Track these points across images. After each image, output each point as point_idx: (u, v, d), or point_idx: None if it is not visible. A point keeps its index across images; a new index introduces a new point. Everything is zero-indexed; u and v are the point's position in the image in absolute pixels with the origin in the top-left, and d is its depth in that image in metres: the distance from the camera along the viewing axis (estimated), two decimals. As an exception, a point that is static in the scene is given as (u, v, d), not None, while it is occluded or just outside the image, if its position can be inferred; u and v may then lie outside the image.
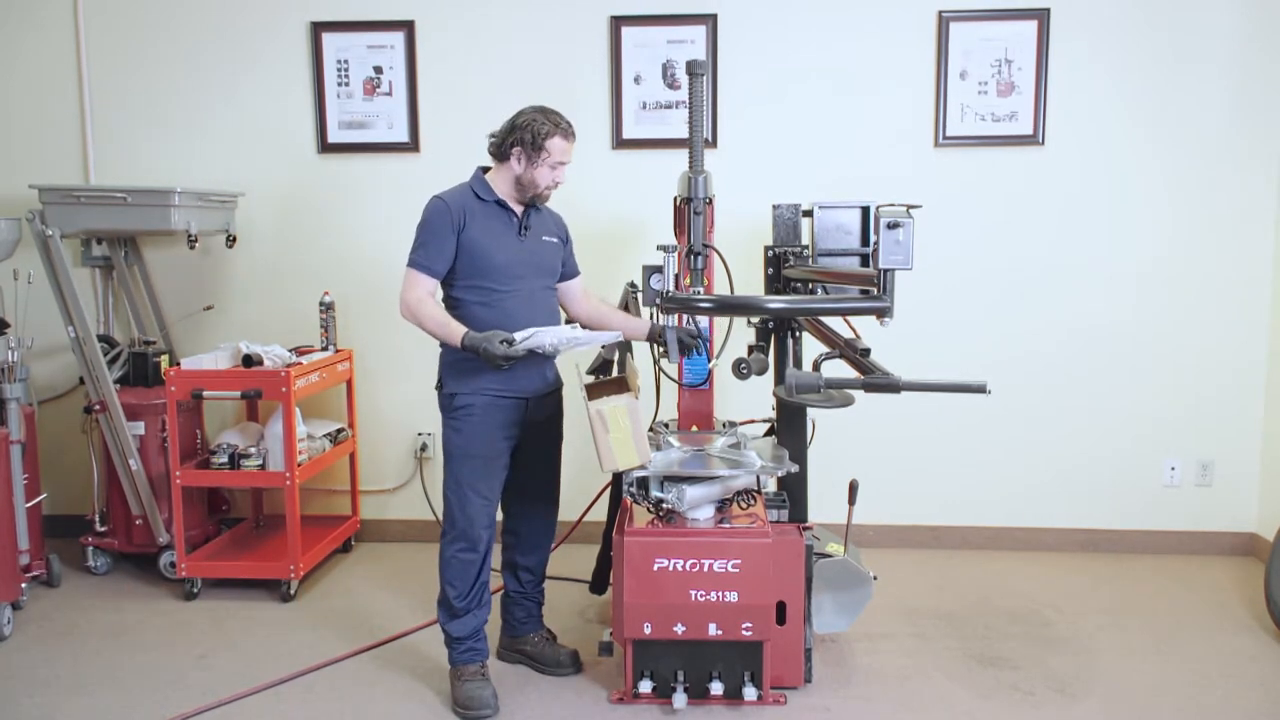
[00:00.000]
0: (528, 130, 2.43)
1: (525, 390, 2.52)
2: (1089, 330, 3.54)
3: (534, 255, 2.53)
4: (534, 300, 2.50)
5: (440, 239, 2.42)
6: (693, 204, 2.46)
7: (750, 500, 2.37)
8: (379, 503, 3.80)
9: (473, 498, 2.49)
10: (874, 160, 3.51)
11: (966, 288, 3.55)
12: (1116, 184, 3.49)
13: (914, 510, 3.66)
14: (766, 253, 2.69)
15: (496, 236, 2.46)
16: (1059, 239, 3.51)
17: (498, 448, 2.51)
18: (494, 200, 2.49)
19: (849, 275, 2.39)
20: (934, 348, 3.51)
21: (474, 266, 2.43)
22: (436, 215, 2.44)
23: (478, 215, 2.45)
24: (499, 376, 2.46)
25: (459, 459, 2.50)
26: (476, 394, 2.47)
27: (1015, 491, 3.62)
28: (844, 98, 3.51)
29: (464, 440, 2.49)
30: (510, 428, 2.52)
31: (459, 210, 2.44)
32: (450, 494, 2.52)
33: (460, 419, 2.49)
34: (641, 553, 2.24)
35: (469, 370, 2.47)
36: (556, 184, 2.50)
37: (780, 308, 2.36)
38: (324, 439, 3.44)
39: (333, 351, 3.51)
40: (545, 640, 2.70)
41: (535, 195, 2.48)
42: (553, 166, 2.46)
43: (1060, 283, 3.53)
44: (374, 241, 3.69)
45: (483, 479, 2.50)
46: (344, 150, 3.64)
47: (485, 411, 2.48)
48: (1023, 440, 3.60)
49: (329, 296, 3.52)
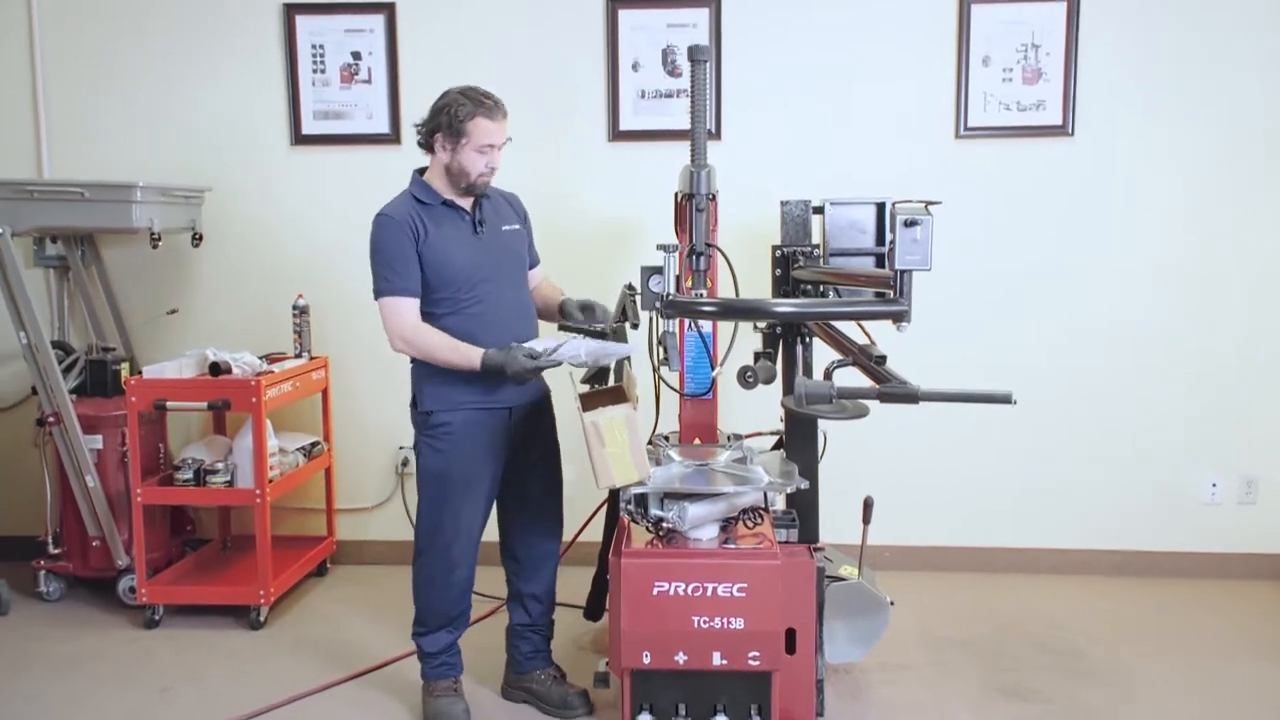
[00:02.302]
0: (444, 113, 2.41)
1: (507, 400, 2.52)
2: (1122, 335, 3.55)
3: (496, 251, 2.52)
4: (504, 301, 2.49)
5: (405, 255, 2.40)
6: (695, 200, 2.47)
7: (757, 519, 2.38)
8: (357, 522, 3.81)
9: (448, 525, 2.49)
10: (890, 153, 3.52)
11: (989, 289, 3.56)
12: (1152, 177, 3.50)
13: (934, 530, 3.66)
14: (774, 253, 2.70)
15: (451, 240, 2.45)
16: (1089, 236, 3.53)
17: (482, 468, 2.51)
18: (440, 202, 2.47)
19: (863, 277, 2.40)
20: (953, 353, 3.52)
21: (435, 278, 2.43)
22: (391, 233, 2.41)
23: (428, 224, 2.44)
24: (478, 388, 2.46)
25: (437, 481, 2.50)
26: (455, 409, 2.47)
27: (1044, 510, 3.63)
28: (857, 85, 3.53)
29: (443, 461, 2.48)
30: (495, 444, 2.52)
31: (410, 223, 2.42)
32: (424, 518, 2.53)
33: (439, 437, 2.49)
34: (640, 576, 2.25)
35: (444, 383, 2.47)
36: (492, 169, 2.46)
37: (789, 312, 2.37)
38: (297, 453, 3.45)
39: (307, 359, 3.52)
40: (553, 679, 2.70)
41: (470, 185, 2.46)
42: (480, 150, 2.42)
43: (1091, 283, 3.54)
44: (352, 241, 3.66)
45: (464, 504, 2.50)
46: (319, 142, 3.65)
47: (465, 428, 2.47)
48: (1051, 454, 3.61)
49: (303, 300, 3.53)
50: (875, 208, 2.65)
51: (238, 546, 3.66)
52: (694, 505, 2.30)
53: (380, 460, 3.78)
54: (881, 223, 2.64)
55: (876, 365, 2.16)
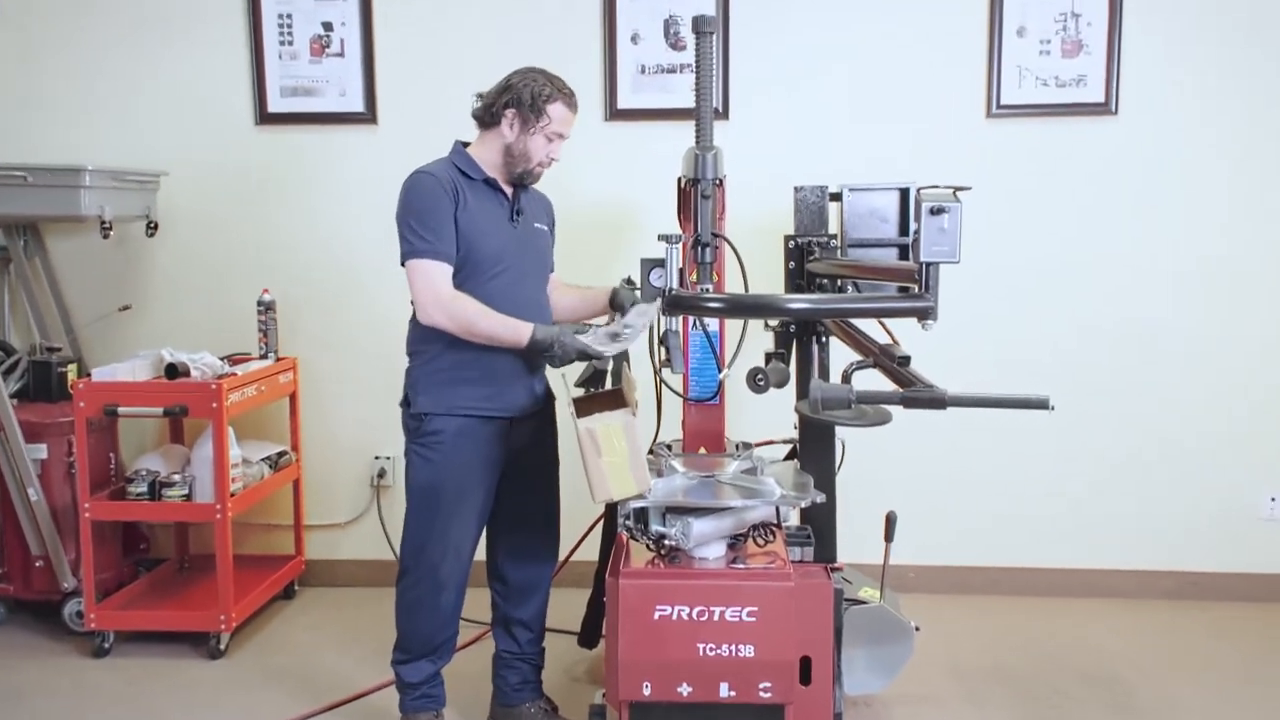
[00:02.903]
0: (527, 90, 2.46)
1: (510, 408, 2.54)
2: (1168, 334, 3.57)
3: (527, 245, 2.56)
4: (523, 297, 2.52)
5: (443, 217, 2.41)
6: (700, 186, 2.49)
7: (768, 536, 2.39)
8: (328, 540, 3.82)
9: (438, 542, 2.51)
10: (915, 134, 3.54)
11: (1021, 283, 3.58)
12: (1205, 161, 3.52)
13: (964, 548, 3.68)
14: (787, 243, 2.71)
15: (487, 220, 2.49)
16: (1135, 226, 3.54)
17: (475, 482, 2.53)
18: (482, 179, 2.51)
19: (885, 270, 2.41)
20: (980, 353, 3.54)
21: (463, 256, 2.45)
22: (431, 192, 2.43)
23: (468, 196, 2.47)
24: (479, 393, 2.48)
25: (426, 494, 2.51)
26: (450, 414, 2.49)
27: (1085, 527, 3.65)
28: (879, 59, 3.55)
29: (434, 472, 2.50)
30: (491, 456, 2.54)
31: (451, 185, 2.45)
32: (411, 533, 2.55)
33: (430, 446, 2.50)
34: (639, 598, 2.26)
35: (444, 384, 2.49)
36: (551, 160, 2.54)
37: (803, 308, 2.39)
38: (262, 464, 3.46)
39: (273, 360, 3.54)
40: (544, 712, 2.72)
41: (525, 171, 2.51)
42: (550, 137, 2.49)
43: (1134, 278, 3.56)
44: (323, 229, 3.72)
45: (454, 520, 2.52)
46: (287, 121, 3.66)
47: (459, 437, 2.49)
48: (1092, 466, 3.62)
49: (269, 295, 3.55)
50: (898, 194, 2.66)
51: (196, 567, 3.67)
52: (699, 521, 2.31)
53: (354, 472, 3.79)
54: (905, 210, 2.65)
55: (900, 367, 2.17)
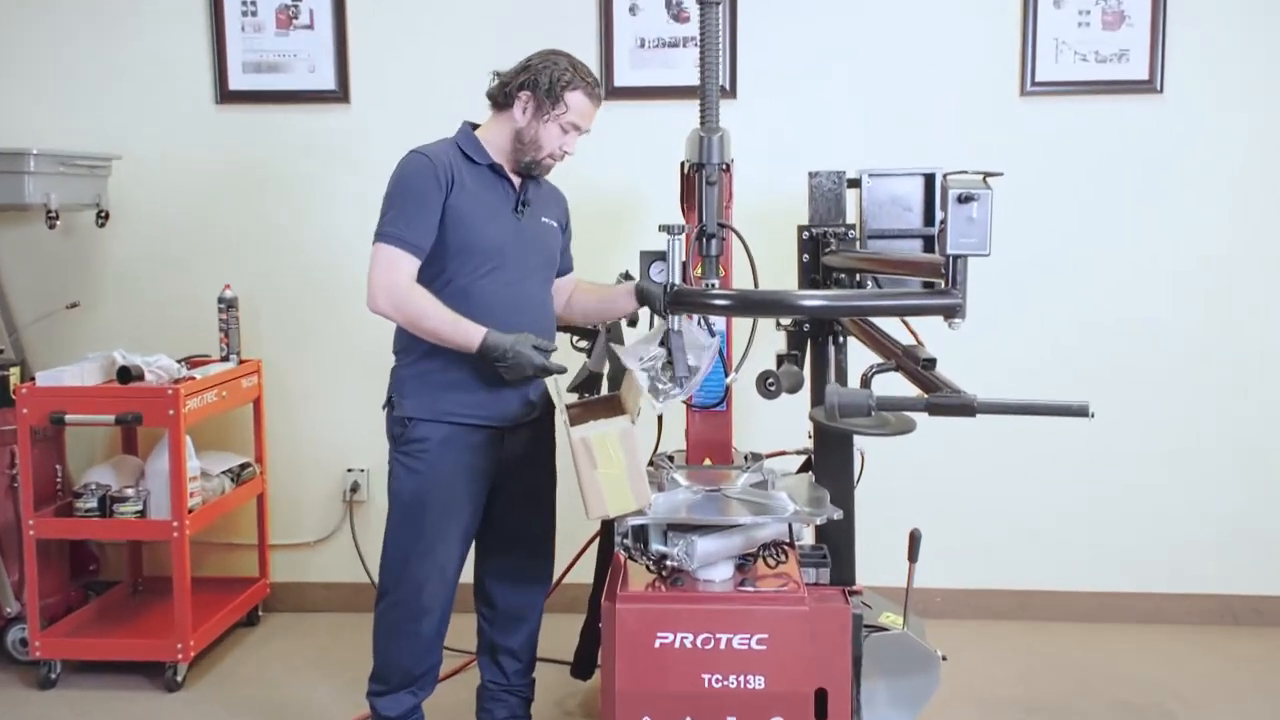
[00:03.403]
0: (546, 73, 2.47)
1: (502, 417, 2.54)
2: (1218, 337, 3.57)
3: (531, 239, 2.56)
4: (522, 297, 2.52)
5: (423, 205, 2.42)
6: (705, 171, 2.48)
7: (780, 556, 2.39)
8: (295, 561, 3.82)
9: (422, 560, 2.51)
10: (941, 114, 3.54)
11: (1062, 277, 3.58)
12: (1262, 145, 3.51)
13: (995, 570, 3.68)
14: (801, 234, 2.71)
15: (487, 209, 2.49)
16: (1179, 216, 3.54)
17: (463, 495, 2.53)
18: (487, 164, 2.52)
19: (908, 263, 2.41)
20: (1013, 355, 3.54)
21: (454, 245, 2.45)
22: (418, 174, 2.44)
23: (467, 180, 2.48)
24: (468, 399, 2.48)
25: (409, 507, 2.51)
26: (437, 421, 2.49)
27: (1128, 545, 3.64)
28: (902, 32, 3.54)
29: (418, 483, 2.50)
30: (481, 467, 2.54)
31: (446, 169, 2.46)
32: (392, 550, 2.55)
33: (414, 454, 2.51)
34: (638, 624, 2.25)
35: (431, 387, 2.49)
36: (565, 153, 2.55)
37: (819, 306, 2.38)
38: (223, 477, 3.46)
39: (235, 363, 3.53)
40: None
41: (534, 162, 2.52)
42: (565, 128, 2.50)
43: (1181, 274, 3.56)
44: (290, 219, 3.71)
45: (439, 537, 2.52)
46: (250, 100, 3.66)
47: (445, 447, 2.49)
48: (1136, 479, 3.62)
49: (231, 291, 3.54)
50: (923, 180, 2.65)
51: (151, 590, 3.66)
52: (704, 539, 2.31)
53: (324, 486, 3.79)
54: (930, 198, 2.64)
55: (924, 370, 2.17)
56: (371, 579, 3.62)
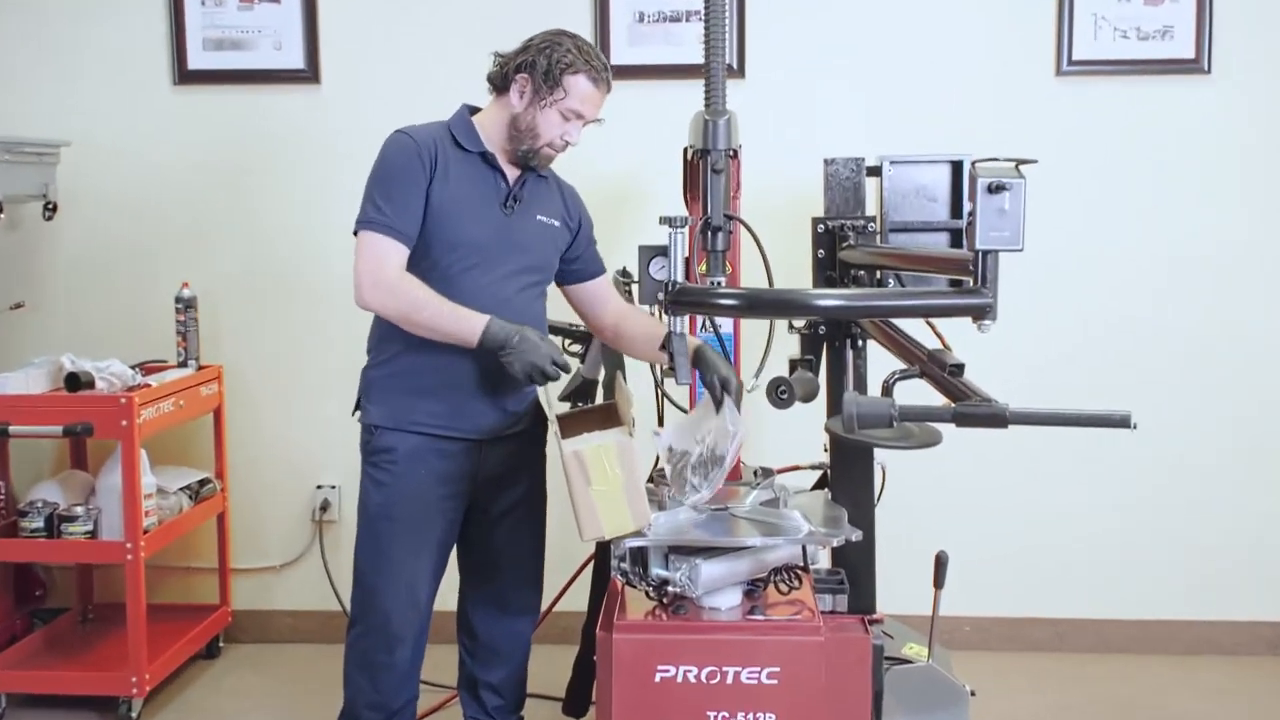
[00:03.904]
0: (545, 55, 2.46)
1: (476, 428, 2.53)
2: (1269, 339, 3.57)
3: (518, 239, 2.54)
4: (499, 298, 2.50)
5: (408, 189, 2.42)
6: (711, 158, 2.48)
7: (793, 581, 2.38)
8: (259, 586, 3.81)
9: (389, 582, 2.51)
10: (969, 95, 3.54)
11: (1098, 274, 3.58)
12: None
13: (1029, 597, 3.67)
14: (816, 227, 2.71)
15: (470, 201, 2.48)
16: (1232, 207, 3.55)
17: (433, 512, 2.52)
18: (478, 152, 2.51)
19: (933, 259, 2.41)
20: (1042, 359, 3.54)
21: (431, 239, 2.45)
22: (401, 155, 2.44)
23: (452, 168, 2.47)
24: (434, 408, 2.47)
25: (376, 523, 2.52)
26: (403, 430, 2.49)
27: (1174, 568, 3.64)
28: (927, 6, 3.55)
29: (384, 498, 2.51)
30: (454, 483, 2.53)
31: (429, 152, 2.45)
32: (363, 569, 2.54)
33: (380, 466, 2.51)
34: (637, 656, 2.25)
35: (400, 393, 2.49)
36: (566, 144, 2.53)
37: (835, 306, 2.37)
38: (181, 494, 3.45)
39: (194, 369, 3.53)
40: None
41: (531, 151, 2.51)
42: (566, 115, 2.49)
43: (1234, 271, 3.56)
44: (254, 210, 3.71)
45: (407, 555, 2.51)
46: (211, 80, 3.66)
47: (413, 459, 2.49)
48: (1184, 497, 3.62)
49: (189, 290, 3.54)
50: (949, 168, 2.65)
51: (103, 618, 3.65)
52: (709, 563, 2.30)
53: (292, 504, 3.78)
54: (958, 188, 2.64)
55: (951, 377, 2.16)
56: (343, 606, 3.61)
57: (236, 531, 3.74)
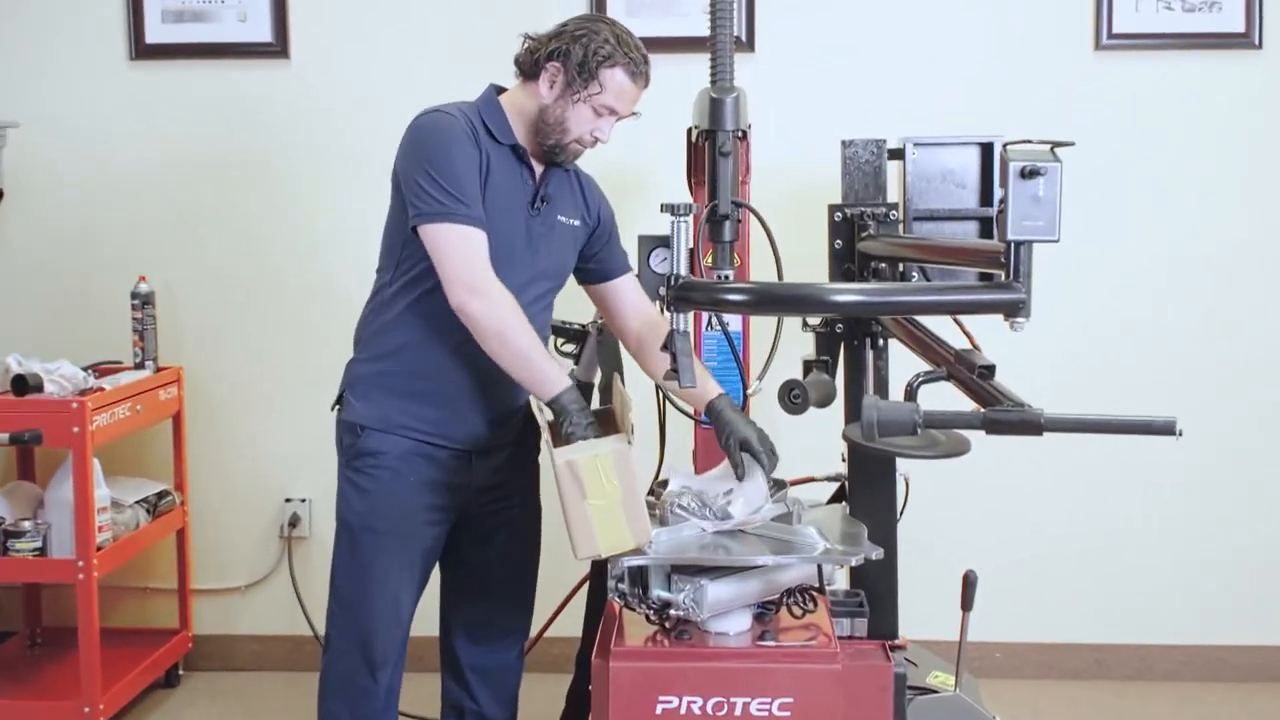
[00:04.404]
0: (580, 44, 2.42)
1: (470, 438, 2.52)
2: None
3: (542, 244, 2.53)
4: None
5: (471, 173, 2.37)
6: (717, 140, 2.48)
7: (808, 604, 2.38)
8: (222, 609, 3.81)
9: (373, 599, 2.50)
10: (1001, 71, 3.55)
11: (1140, 266, 3.58)
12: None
13: (1065, 620, 3.68)
14: (833, 215, 2.71)
15: (502, 200, 2.45)
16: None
17: (422, 524, 2.52)
18: (510, 144, 2.49)
19: (961, 251, 2.41)
20: (1077, 359, 3.54)
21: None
22: (457, 137, 2.38)
23: (490, 160, 2.44)
24: (429, 414, 2.46)
25: (357, 532, 2.50)
26: (394, 433, 2.48)
27: (1225, 588, 3.64)
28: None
29: (368, 505, 2.49)
30: (446, 494, 2.52)
31: (478, 140, 2.41)
32: (342, 584, 2.53)
33: (364, 471, 2.49)
34: (636, 686, 2.25)
35: (392, 393, 2.48)
36: (596, 140, 2.50)
37: (854, 302, 2.37)
38: (137, 508, 3.45)
39: (152, 371, 3.53)
40: None
41: (558, 146, 2.48)
42: (599, 111, 2.46)
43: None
44: (218, 197, 3.70)
45: (394, 567, 2.50)
46: (170, 55, 3.66)
47: (404, 464, 2.48)
48: (1238, 512, 3.62)
49: (146, 284, 3.54)
50: (978, 150, 2.66)
51: (52, 643, 3.66)
52: (716, 584, 2.30)
53: (258, 519, 3.78)
54: (988, 172, 2.65)
55: (981, 379, 2.16)
56: (314, 630, 3.61)
57: (198, 549, 3.74)
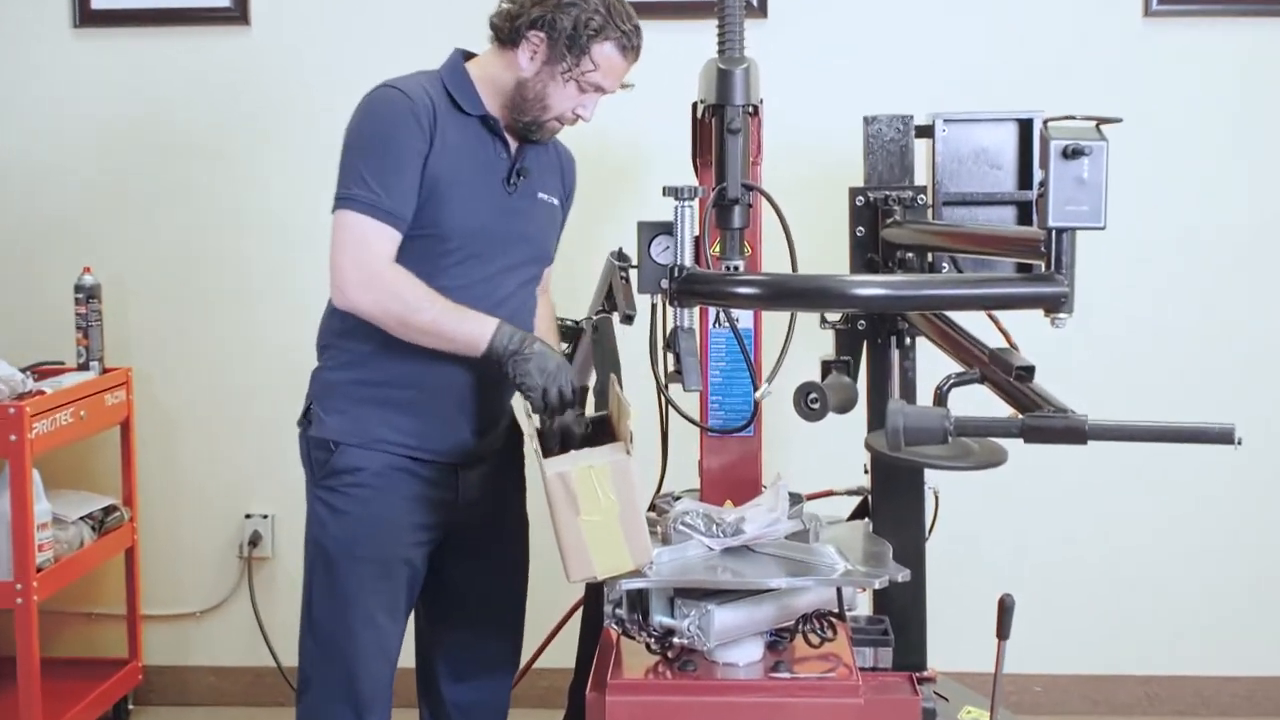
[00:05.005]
0: (568, 13, 2.42)
1: (455, 450, 2.52)
2: None
3: (522, 223, 2.54)
4: (497, 296, 2.49)
5: (403, 160, 2.38)
6: (726, 116, 2.48)
7: (827, 631, 2.38)
8: (176, 637, 3.81)
9: (358, 635, 2.49)
10: (1041, 40, 3.55)
11: (1192, 254, 3.59)
12: None
13: (1113, 649, 3.68)
14: (854, 199, 2.71)
15: (471, 175, 2.47)
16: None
17: (404, 549, 2.51)
18: (479, 115, 2.49)
19: (996, 239, 2.40)
20: (1133, 363, 3.56)
21: (427, 220, 2.41)
22: (395, 118, 2.39)
23: (450, 134, 2.44)
24: (412, 425, 2.45)
25: (336, 560, 2.49)
26: (372, 448, 2.47)
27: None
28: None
29: (347, 530, 2.48)
30: (429, 515, 2.52)
31: (428, 116, 2.41)
32: (320, 619, 2.53)
33: (341, 491, 2.48)
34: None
35: (368, 403, 2.47)
36: (577, 118, 2.53)
37: (878, 295, 2.37)
38: (82, 524, 3.45)
39: (98, 372, 3.53)
40: None
41: (535, 122, 2.50)
42: (584, 88, 2.48)
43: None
44: (171, 179, 3.71)
45: (379, 598, 2.50)
46: (120, 21, 3.67)
47: (386, 481, 2.47)
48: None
49: (91, 276, 3.54)
50: (1016, 127, 2.66)
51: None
52: (724, 609, 2.30)
53: (215, 537, 3.79)
54: (1027, 152, 2.65)
55: (1019, 383, 2.16)
56: (277, 661, 3.61)
57: (148, 570, 3.74)
